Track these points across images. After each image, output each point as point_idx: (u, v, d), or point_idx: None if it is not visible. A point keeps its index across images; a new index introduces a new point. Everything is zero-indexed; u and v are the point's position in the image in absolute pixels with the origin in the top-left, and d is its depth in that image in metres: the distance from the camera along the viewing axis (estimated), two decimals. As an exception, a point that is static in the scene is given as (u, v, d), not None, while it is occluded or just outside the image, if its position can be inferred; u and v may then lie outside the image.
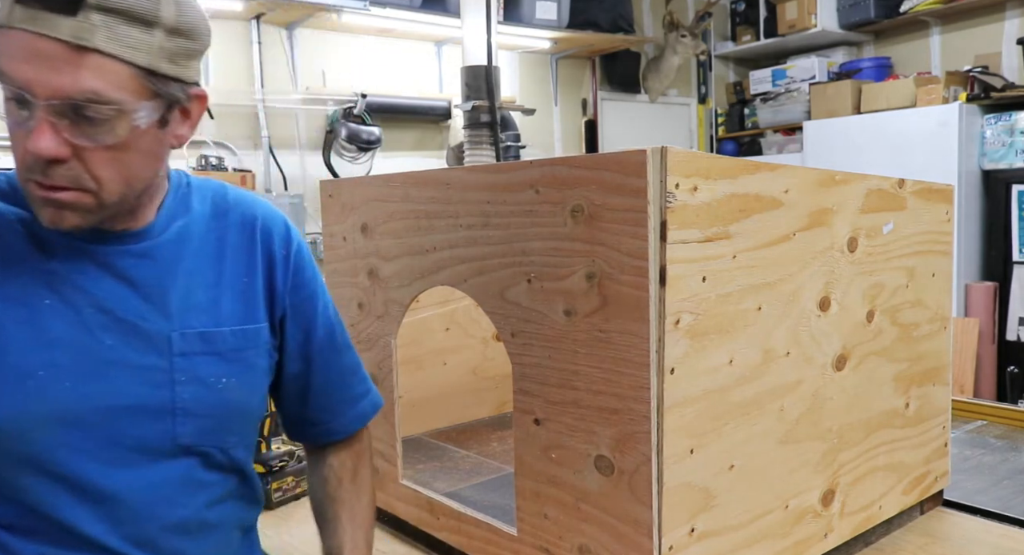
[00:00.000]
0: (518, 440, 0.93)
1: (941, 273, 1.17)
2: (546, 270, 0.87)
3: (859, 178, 1.00)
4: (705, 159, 0.80)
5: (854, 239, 0.99)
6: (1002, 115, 3.68)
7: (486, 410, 1.62)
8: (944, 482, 1.22)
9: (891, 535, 1.13)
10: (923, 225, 1.12)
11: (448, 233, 1.01)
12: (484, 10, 2.35)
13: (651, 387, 0.77)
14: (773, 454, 0.91)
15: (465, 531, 1.05)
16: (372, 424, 1.21)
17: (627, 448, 0.80)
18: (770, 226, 0.87)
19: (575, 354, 0.84)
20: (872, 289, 1.03)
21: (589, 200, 0.81)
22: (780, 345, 0.91)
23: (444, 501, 1.09)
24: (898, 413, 1.10)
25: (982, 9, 4.16)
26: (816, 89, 4.54)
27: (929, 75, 4.20)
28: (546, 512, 0.91)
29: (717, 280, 0.82)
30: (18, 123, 0.67)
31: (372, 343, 1.19)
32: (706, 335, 0.82)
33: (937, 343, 1.17)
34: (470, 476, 1.26)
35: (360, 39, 4.07)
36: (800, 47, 4.91)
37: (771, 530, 0.92)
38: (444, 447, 1.43)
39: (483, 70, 2.40)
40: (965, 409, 1.68)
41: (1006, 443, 1.49)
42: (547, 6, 3.93)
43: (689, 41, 4.64)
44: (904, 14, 4.30)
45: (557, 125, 4.77)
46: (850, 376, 1.01)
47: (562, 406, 0.87)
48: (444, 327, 1.51)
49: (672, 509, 0.80)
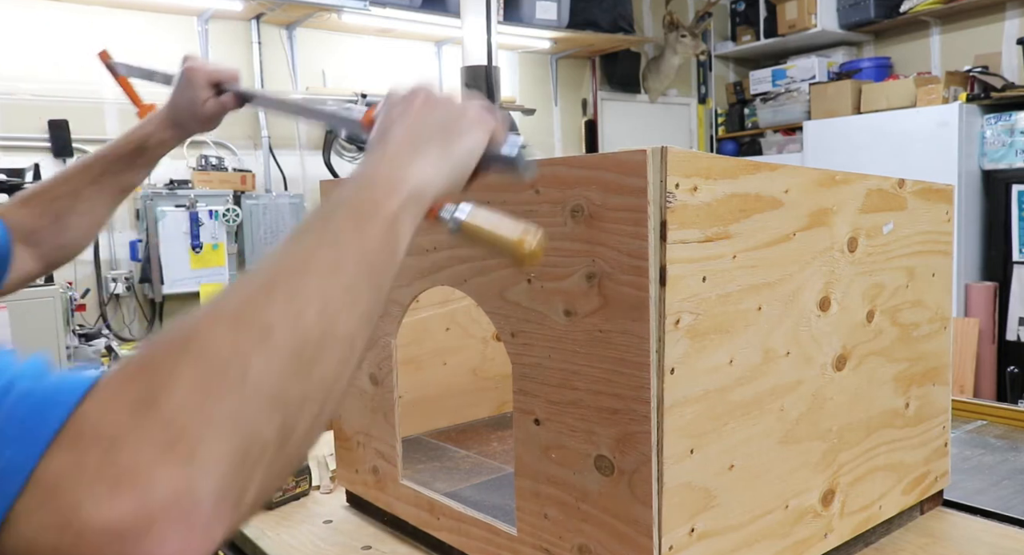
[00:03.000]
0: (518, 440, 0.93)
1: (941, 273, 1.17)
2: (546, 270, 0.87)
3: (859, 178, 1.00)
4: (705, 159, 0.80)
5: (854, 239, 0.99)
6: (1002, 115, 3.68)
7: (486, 410, 1.62)
8: (944, 482, 1.22)
9: (891, 535, 1.13)
10: (923, 225, 1.12)
11: (448, 233, 1.00)
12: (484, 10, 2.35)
13: (651, 387, 0.77)
14: (773, 454, 0.91)
15: (465, 531, 1.05)
16: (372, 424, 1.21)
17: (627, 448, 0.80)
18: (770, 226, 0.87)
19: (575, 354, 0.84)
20: (872, 289, 1.03)
21: (589, 200, 0.81)
22: (780, 345, 0.91)
23: (444, 501, 1.09)
24: (898, 413, 1.10)
25: (982, 9, 4.16)
26: (816, 89, 4.54)
27: (929, 75, 4.20)
28: (546, 512, 0.91)
29: (717, 280, 0.82)
30: None
31: (372, 343, 1.19)
32: (706, 335, 0.82)
33: (937, 343, 1.17)
34: (470, 476, 1.26)
35: (360, 39, 4.06)
36: (800, 47, 4.91)
37: (771, 530, 0.92)
38: (444, 447, 1.43)
39: (483, 70, 2.40)
40: (965, 409, 1.68)
41: (1006, 443, 1.49)
42: (547, 6, 3.93)
43: (689, 41, 4.64)
44: (904, 14, 4.30)
45: (557, 125, 4.77)
46: (850, 376, 1.01)
47: (562, 406, 0.87)
48: (444, 327, 1.51)
49: (672, 509, 0.80)
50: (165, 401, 0.37)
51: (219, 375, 0.39)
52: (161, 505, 0.34)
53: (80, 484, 0.34)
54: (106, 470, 0.34)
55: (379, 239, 0.52)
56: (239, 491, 0.38)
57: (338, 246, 0.49)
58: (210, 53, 3.63)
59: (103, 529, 0.33)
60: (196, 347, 0.39)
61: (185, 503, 0.35)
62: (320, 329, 0.44)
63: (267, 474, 0.40)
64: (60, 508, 0.33)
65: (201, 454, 0.36)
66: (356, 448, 1.26)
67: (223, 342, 0.40)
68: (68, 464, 0.34)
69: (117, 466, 0.34)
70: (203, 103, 1.10)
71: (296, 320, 0.43)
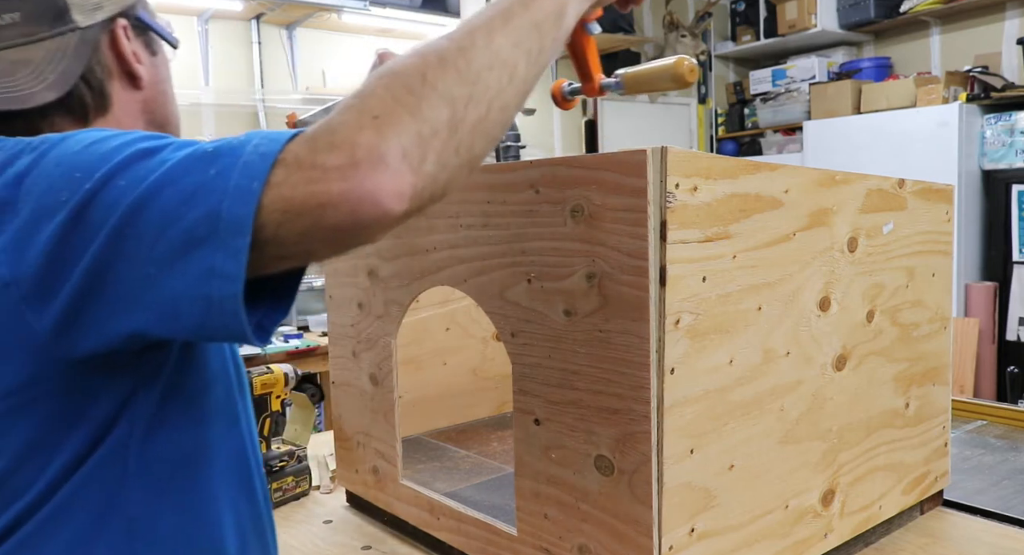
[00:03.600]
0: (518, 440, 0.93)
1: (941, 273, 1.17)
2: (546, 270, 0.87)
3: (859, 178, 1.00)
4: (705, 159, 0.80)
5: (854, 239, 0.99)
6: (1002, 115, 3.68)
7: (486, 410, 1.62)
8: (944, 482, 1.22)
9: (891, 535, 1.13)
10: (923, 225, 1.12)
11: (448, 233, 1.01)
12: (484, 10, 2.35)
13: (651, 387, 0.77)
14: (773, 454, 0.91)
15: (465, 531, 1.05)
16: (372, 424, 1.21)
17: (627, 448, 0.80)
18: (770, 226, 0.87)
19: (575, 354, 0.84)
20: (872, 289, 1.03)
21: (589, 200, 0.81)
22: (780, 345, 0.91)
23: (444, 501, 1.09)
24: (898, 413, 1.10)
25: (982, 9, 4.16)
26: (816, 89, 4.54)
27: (929, 75, 4.20)
28: (546, 512, 0.91)
29: (717, 280, 0.82)
30: None
31: (372, 343, 1.19)
32: (706, 335, 0.82)
33: (937, 343, 1.17)
34: (470, 476, 1.26)
35: (360, 39, 4.07)
36: (800, 47, 4.91)
37: (771, 530, 0.92)
38: (444, 447, 1.43)
39: (483, 70, 2.40)
40: (965, 409, 1.68)
41: (1006, 443, 1.49)
42: (547, 6, 3.93)
43: (689, 41, 4.64)
44: (904, 14, 4.30)
45: (557, 125, 4.77)
46: (850, 376, 1.01)
47: (562, 406, 0.87)
48: (444, 327, 1.51)
49: (672, 509, 0.80)
50: (367, 101, 0.56)
51: (403, 82, 0.57)
52: (363, 155, 0.53)
53: (315, 153, 0.54)
54: (329, 141, 0.54)
55: (549, 11, 0.68)
56: (417, 159, 0.55)
57: (511, 10, 0.65)
58: (210, 53, 3.63)
59: (335, 167, 0.53)
60: (388, 72, 0.58)
61: (376, 154, 0.53)
62: (486, 55, 0.61)
63: (440, 152, 0.57)
64: (302, 167, 0.54)
65: (390, 127, 0.54)
66: (356, 448, 1.26)
67: (408, 64, 0.59)
68: (305, 146, 0.55)
69: (335, 137, 0.54)
70: None
71: (463, 47, 0.61)
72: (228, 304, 0.55)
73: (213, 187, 0.55)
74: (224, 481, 0.76)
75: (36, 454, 0.65)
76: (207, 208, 0.54)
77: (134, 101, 0.83)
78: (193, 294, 0.55)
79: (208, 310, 0.56)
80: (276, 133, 0.57)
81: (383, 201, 0.53)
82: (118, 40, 0.80)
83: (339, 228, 0.54)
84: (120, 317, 0.58)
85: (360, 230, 0.55)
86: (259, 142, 0.56)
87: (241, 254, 0.54)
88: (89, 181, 0.58)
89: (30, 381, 0.63)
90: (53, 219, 0.58)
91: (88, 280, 0.57)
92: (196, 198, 0.55)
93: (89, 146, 0.61)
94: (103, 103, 0.80)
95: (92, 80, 0.78)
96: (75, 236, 0.57)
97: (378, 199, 0.53)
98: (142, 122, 0.84)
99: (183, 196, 0.55)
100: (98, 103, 0.80)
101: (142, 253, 0.56)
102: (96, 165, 0.59)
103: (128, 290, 0.57)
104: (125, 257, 0.57)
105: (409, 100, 0.56)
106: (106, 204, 0.57)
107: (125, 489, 0.68)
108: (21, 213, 0.60)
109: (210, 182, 0.55)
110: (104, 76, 0.80)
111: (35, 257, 0.58)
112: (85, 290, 0.58)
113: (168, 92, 0.87)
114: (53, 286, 0.59)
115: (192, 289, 0.55)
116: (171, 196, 0.56)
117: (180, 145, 0.59)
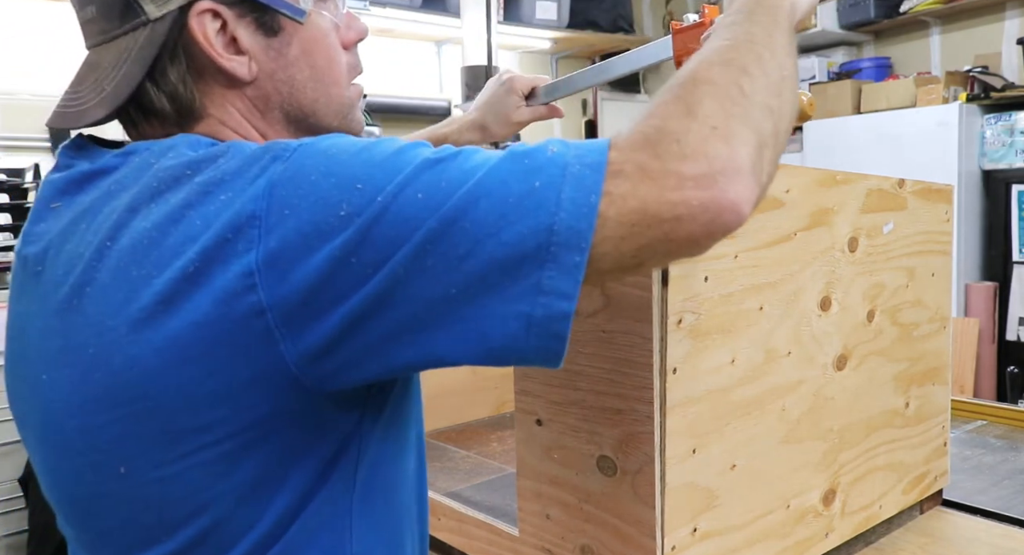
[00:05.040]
0: (520, 441, 0.93)
1: (941, 273, 1.17)
2: (548, 270, 0.86)
3: (859, 178, 1.00)
4: (707, 159, 0.80)
5: (855, 239, 1.00)
6: (1002, 115, 3.68)
7: (486, 410, 1.62)
8: (944, 482, 1.22)
9: (891, 535, 1.13)
10: (923, 225, 1.12)
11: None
12: (484, 10, 2.36)
13: (654, 387, 0.78)
14: (775, 454, 0.91)
15: (466, 532, 1.05)
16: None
17: (630, 448, 0.81)
18: (771, 226, 0.87)
19: (578, 354, 0.84)
20: (872, 289, 1.04)
21: (591, 200, 0.81)
22: (782, 345, 0.91)
23: (444, 501, 1.09)
24: (898, 413, 1.10)
25: (982, 9, 4.16)
26: (816, 89, 4.53)
27: (929, 75, 4.19)
28: (548, 513, 0.91)
29: (719, 280, 0.82)
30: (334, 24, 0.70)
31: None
32: (708, 335, 0.82)
33: (937, 343, 1.17)
34: (470, 476, 1.26)
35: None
36: (800, 47, 4.87)
37: (773, 530, 0.92)
38: (444, 447, 1.43)
39: (483, 70, 2.40)
40: (965, 409, 1.68)
41: (1006, 443, 1.49)
42: (547, 6, 3.93)
43: (689, 41, 4.63)
44: (904, 14, 4.30)
45: (557, 125, 4.77)
46: (851, 376, 1.01)
47: (564, 406, 0.87)
48: (445, 327, 1.51)
49: (675, 509, 0.80)
50: (699, 111, 0.54)
51: (725, 93, 0.56)
52: (720, 166, 0.52)
53: (665, 161, 0.52)
54: (678, 150, 0.52)
55: (786, 26, 0.67)
56: (759, 170, 0.54)
57: (759, 33, 0.64)
58: (210, 53, 3.62)
59: (693, 177, 0.51)
60: (701, 81, 0.57)
61: (733, 165, 0.52)
62: (774, 71, 0.60)
63: (769, 162, 0.56)
64: (652, 177, 0.51)
65: (734, 138, 0.53)
66: (357, 448, 1.26)
67: (719, 75, 0.57)
68: (647, 154, 0.52)
69: (684, 147, 0.52)
70: (516, 109, 1.17)
71: (758, 62, 0.60)
72: (555, 324, 0.52)
73: (540, 200, 0.51)
74: (409, 508, 0.73)
75: (258, 494, 0.58)
76: (535, 222, 0.51)
77: (241, 99, 0.67)
78: (509, 312, 0.51)
79: (527, 330, 0.52)
80: (585, 143, 0.54)
81: (743, 210, 0.52)
82: (198, 31, 0.63)
83: (691, 238, 0.52)
84: (405, 342, 0.53)
85: (710, 240, 0.53)
86: (578, 152, 0.53)
87: (578, 271, 0.51)
88: (380, 194, 0.52)
89: (268, 417, 0.56)
90: (331, 236, 0.51)
91: (370, 304, 0.52)
92: (519, 211, 0.51)
93: (357, 154, 0.54)
94: (190, 109, 0.65)
95: (164, 83, 0.64)
96: (362, 254, 0.51)
97: (739, 208, 0.52)
98: (264, 122, 0.68)
99: (503, 209, 0.51)
100: (181, 109, 0.65)
101: (447, 270, 0.51)
102: (379, 176, 0.53)
103: (420, 312, 0.52)
104: (426, 275, 0.51)
105: (737, 111, 0.55)
106: (402, 218, 0.51)
107: (351, 527, 0.64)
108: (276, 230, 0.52)
109: (535, 194, 0.51)
110: (192, 76, 0.64)
111: (303, 279, 0.52)
112: (364, 315, 0.52)
113: (300, 77, 0.68)
114: (322, 312, 0.52)
115: (509, 307, 0.51)
116: (488, 209, 0.51)
117: (468, 153, 0.54)
